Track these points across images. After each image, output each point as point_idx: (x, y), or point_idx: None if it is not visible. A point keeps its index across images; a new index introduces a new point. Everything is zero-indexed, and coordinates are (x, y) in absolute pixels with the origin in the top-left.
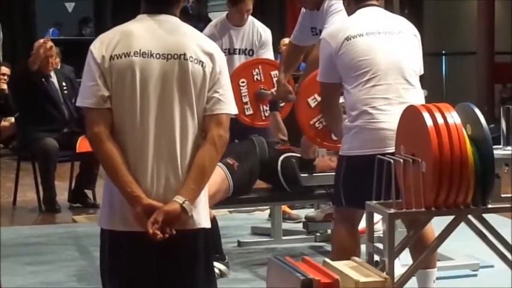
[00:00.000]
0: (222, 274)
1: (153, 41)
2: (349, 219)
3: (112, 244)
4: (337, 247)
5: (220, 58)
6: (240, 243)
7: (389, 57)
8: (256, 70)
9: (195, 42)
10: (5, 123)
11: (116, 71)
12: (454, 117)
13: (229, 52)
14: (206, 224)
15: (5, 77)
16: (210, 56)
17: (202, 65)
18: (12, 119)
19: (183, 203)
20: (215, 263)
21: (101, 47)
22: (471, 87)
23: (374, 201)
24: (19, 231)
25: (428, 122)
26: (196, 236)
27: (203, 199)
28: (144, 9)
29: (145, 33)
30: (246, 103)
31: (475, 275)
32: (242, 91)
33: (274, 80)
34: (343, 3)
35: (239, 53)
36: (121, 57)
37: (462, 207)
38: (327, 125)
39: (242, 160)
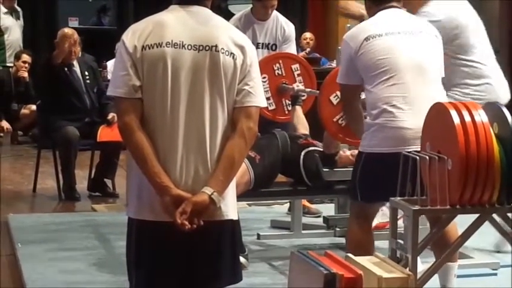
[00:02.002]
0: (241, 266)
1: (185, 32)
2: (363, 214)
3: (139, 233)
4: (350, 241)
5: (251, 51)
6: (259, 236)
7: (409, 56)
8: (277, 65)
9: (227, 34)
10: (25, 110)
11: (147, 61)
12: (481, 116)
13: None
14: (234, 215)
15: (26, 65)
16: (241, 49)
17: (233, 57)
18: (33, 107)
19: (212, 194)
20: None
21: (133, 37)
22: None
23: (398, 198)
24: (39, 219)
25: (456, 119)
26: (223, 227)
27: (231, 191)
28: (176, 0)
29: (177, 24)
30: (269, 98)
31: (495, 274)
32: (264, 86)
33: (296, 73)
34: (365, 5)
35: (262, 48)
36: (153, 48)
37: (487, 205)
38: None
39: (264, 153)
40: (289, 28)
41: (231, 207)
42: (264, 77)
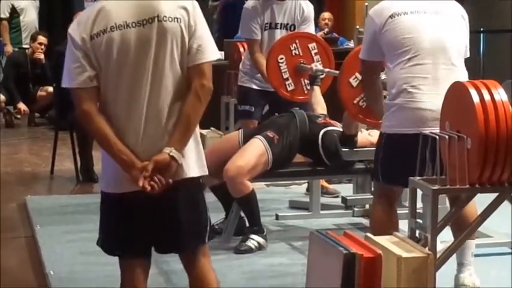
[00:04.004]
0: (260, 247)
1: (126, 11)
2: (386, 196)
3: (107, 204)
4: (374, 223)
5: (194, 9)
6: (277, 217)
7: (433, 37)
8: (294, 45)
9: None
10: (42, 92)
11: (98, 49)
12: (500, 94)
13: (271, 27)
14: (196, 172)
15: (42, 47)
16: (185, 10)
17: (177, 21)
18: (50, 89)
19: (171, 151)
20: (254, 236)
21: (78, 28)
22: (508, 65)
23: (418, 177)
24: (57, 200)
25: (475, 98)
26: (182, 185)
27: (194, 150)
28: None
29: (117, 5)
30: (287, 79)
31: None
32: (282, 67)
33: (313, 52)
34: None
35: (281, 28)
36: (99, 35)
37: (506, 184)
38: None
39: (282, 133)
40: (308, 8)
41: (192, 166)
42: (282, 58)
